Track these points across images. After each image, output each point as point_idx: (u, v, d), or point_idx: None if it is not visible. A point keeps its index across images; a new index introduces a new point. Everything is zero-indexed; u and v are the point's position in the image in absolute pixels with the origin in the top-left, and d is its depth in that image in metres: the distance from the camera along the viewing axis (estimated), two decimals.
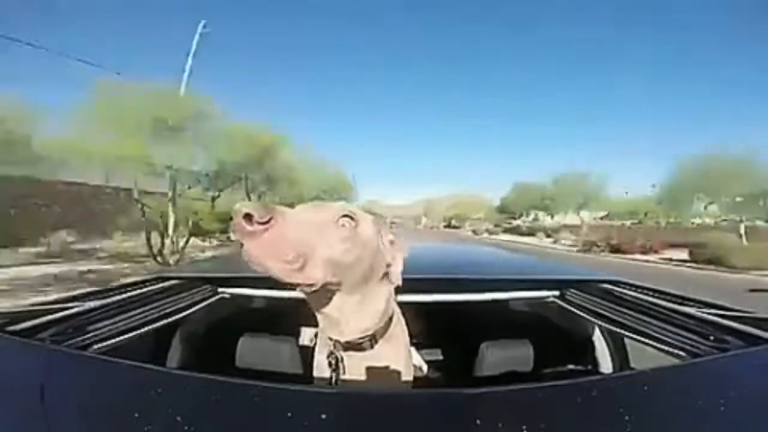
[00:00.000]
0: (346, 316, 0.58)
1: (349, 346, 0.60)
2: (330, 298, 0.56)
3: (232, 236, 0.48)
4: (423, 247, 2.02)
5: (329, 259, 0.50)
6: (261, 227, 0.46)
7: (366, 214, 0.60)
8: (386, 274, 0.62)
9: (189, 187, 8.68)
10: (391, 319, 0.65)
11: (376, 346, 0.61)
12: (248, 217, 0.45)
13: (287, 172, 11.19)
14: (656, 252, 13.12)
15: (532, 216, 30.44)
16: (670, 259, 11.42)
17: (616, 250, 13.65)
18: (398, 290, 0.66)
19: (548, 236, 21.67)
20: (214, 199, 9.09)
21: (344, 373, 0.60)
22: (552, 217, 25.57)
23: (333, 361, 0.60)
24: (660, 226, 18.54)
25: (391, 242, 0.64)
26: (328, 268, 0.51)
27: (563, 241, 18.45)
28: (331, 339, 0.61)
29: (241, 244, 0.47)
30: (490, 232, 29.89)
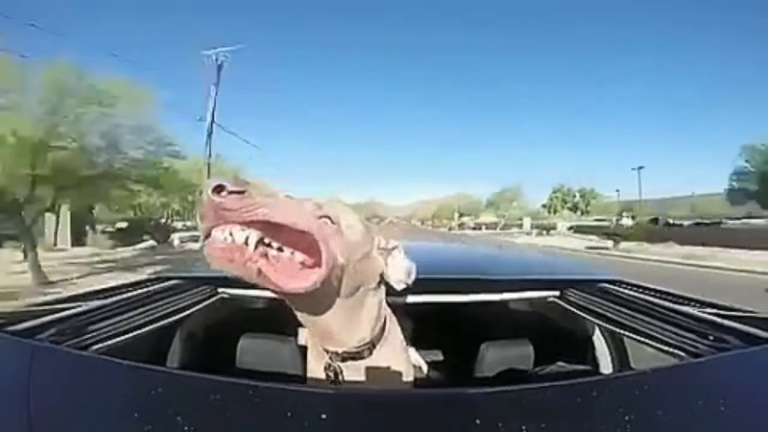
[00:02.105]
0: (339, 327, 0.55)
1: (348, 356, 0.58)
2: (319, 308, 0.52)
3: (201, 223, 0.42)
4: (422, 247, 2.02)
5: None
6: (236, 195, 0.39)
7: (351, 217, 0.54)
8: (380, 282, 0.60)
9: None
10: (384, 322, 0.63)
11: (375, 352, 0.60)
12: (219, 189, 0.39)
13: None
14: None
15: (471, 216, 50.54)
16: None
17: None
18: (398, 291, 0.65)
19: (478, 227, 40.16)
20: None
21: (343, 383, 0.58)
22: (477, 217, 47.33)
23: (331, 374, 0.58)
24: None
25: (388, 249, 0.60)
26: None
27: (484, 228, 36.34)
28: (327, 351, 0.58)
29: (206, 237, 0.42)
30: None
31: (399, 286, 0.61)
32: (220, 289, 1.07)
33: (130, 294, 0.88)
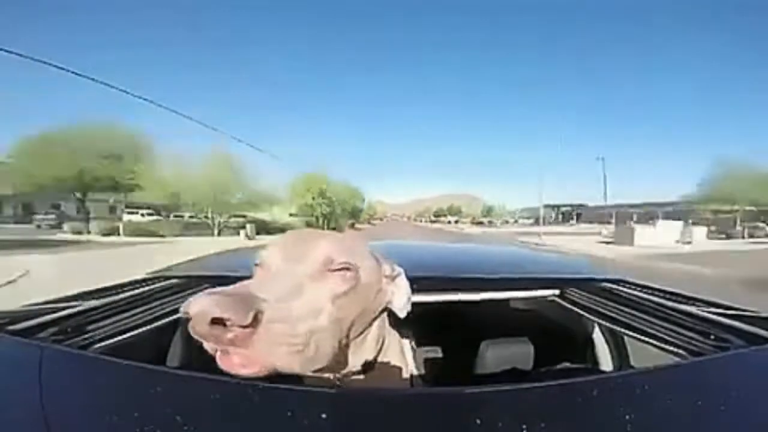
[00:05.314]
0: (343, 360, 0.53)
1: (350, 374, 0.57)
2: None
3: (207, 346, 0.37)
4: (422, 246, 2.02)
5: (336, 324, 0.44)
6: (247, 330, 0.34)
7: (364, 250, 0.53)
8: (384, 309, 0.58)
9: None
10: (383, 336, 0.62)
11: (376, 365, 0.59)
12: (219, 322, 0.34)
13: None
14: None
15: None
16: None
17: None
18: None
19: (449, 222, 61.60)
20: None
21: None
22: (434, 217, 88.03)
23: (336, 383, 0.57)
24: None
25: (393, 276, 0.58)
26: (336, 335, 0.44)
27: (460, 225, 55.90)
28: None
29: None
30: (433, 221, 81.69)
31: (402, 314, 0.59)
32: (219, 288, 1.07)
33: (130, 293, 0.88)
